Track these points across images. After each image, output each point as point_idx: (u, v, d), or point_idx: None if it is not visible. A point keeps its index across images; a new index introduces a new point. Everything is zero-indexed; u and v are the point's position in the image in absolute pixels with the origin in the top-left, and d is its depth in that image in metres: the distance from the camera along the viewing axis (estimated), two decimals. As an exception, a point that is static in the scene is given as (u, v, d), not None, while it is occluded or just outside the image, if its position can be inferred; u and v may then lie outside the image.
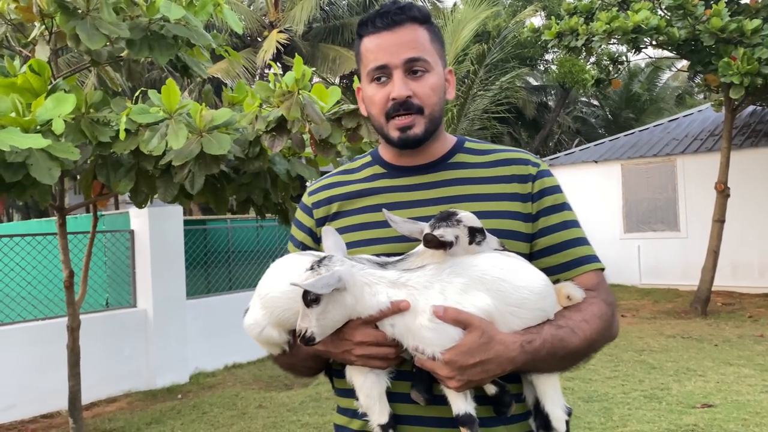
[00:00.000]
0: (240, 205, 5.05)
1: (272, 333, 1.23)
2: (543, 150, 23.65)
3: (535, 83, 25.23)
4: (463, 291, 1.11)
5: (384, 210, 1.22)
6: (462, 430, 1.13)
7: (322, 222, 1.37)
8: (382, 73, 1.27)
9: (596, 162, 12.40)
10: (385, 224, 1.22)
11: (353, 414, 1.27)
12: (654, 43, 8.36)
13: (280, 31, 15.49)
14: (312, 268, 1.11)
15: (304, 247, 1.39)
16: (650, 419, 4.53)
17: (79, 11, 4.02)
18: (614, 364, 6.35)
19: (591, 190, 12.40)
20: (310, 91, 3.95)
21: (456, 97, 12.79)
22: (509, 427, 1.23)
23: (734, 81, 7.36)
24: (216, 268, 8.01)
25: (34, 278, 6.22)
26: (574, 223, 1.33)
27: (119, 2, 4.25)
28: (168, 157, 3.92)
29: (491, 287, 1.12)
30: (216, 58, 10.04)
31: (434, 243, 1.11)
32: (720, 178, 9.09)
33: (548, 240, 1.29)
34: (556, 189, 1.34)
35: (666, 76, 25.40)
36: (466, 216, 1.16)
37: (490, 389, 1.18)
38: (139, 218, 6.77)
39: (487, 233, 1.19)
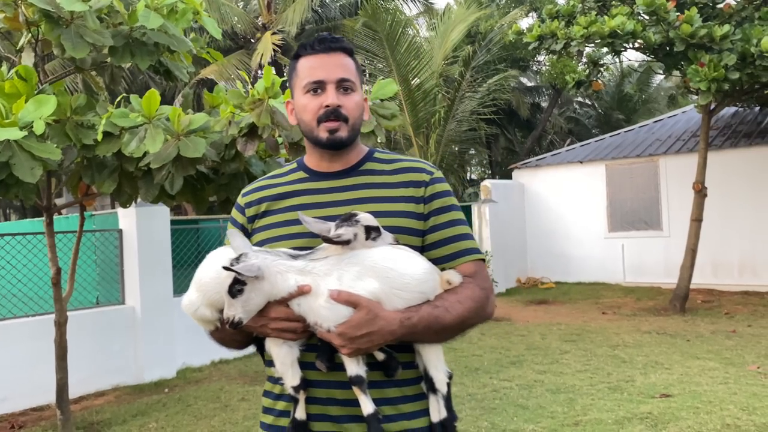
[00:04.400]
0: (221, 205, 5.27)
1: (205, 312, 1.48)
2: (537, 150, 23.88)
3: (529, 84, 25.45)
4: (356, 277, 1.37)
5: (299, 213, 1.47)
6: (354, 387, 1.39)
7: (252, 219, 1.62)
8: (318, 86, 1.53)
9: (581, 162, 12.61)
10: None
11: (276, 397, 1.55)
12: (631, 47, 8.57)
13: (274, 33, 15.68)
14: (231, 265, 1.34)
15: None
16: (610, 408, 4.74)
17: (63, 20, 4.21)
18: (587, 359, 6.57)
19: (576, 190, 12.62)
20: (283, 96, 4.16)
21: (443, 98, 12.99)
22: (402, 389, 1.49)
23: (701, 87, 7.57)
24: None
25: (24, 276, 6.42)
26: (459, 222, 1.58)
27: (102, 11, 4.45)
28: (147, 160, 4.12)
29: (380, 274, 1.37)
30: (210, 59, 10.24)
31: (331, 241, 1.39)
32: (697, 178, 9.30)
33: (436, 236, 1.54)
34: (446, 193, 1.59)
35: (660, 77, 25.56)
36: (364, 217, 1.43)
37: (379, 356, 1.44)
38: (127, 218, 6.97)
39: (382, 230, 1.44)
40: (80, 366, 5.98)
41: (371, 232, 1.42)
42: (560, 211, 12.78)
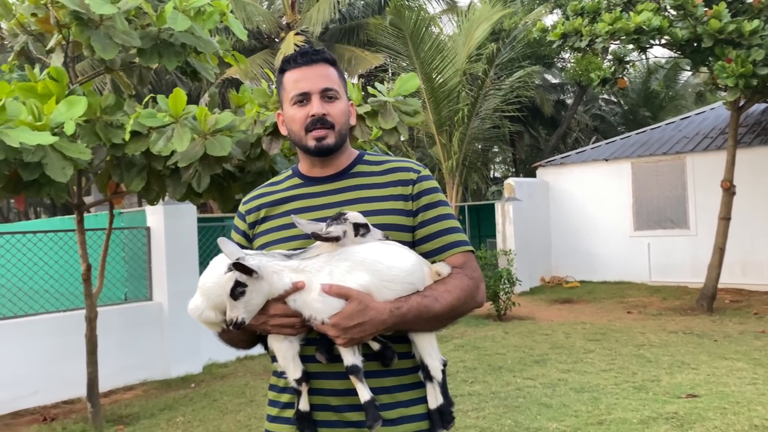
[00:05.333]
0: (246, 203, 5.33)
1: (210, 314, 1.54)
2: (562, 147, 23.69)
3: (554, 81, 25.24)
4: (347, 272, 1.45)
5: (293, 216, 1.56)
6: (351, 377, 1.47)
7: (253, 225, 1.71)
8: (304, 98, 1.61)
9: (607, 160, 12.48)
10: None
11: (281, 390, 1.62)
12: (657, 43, 8.46)
13: (297, 33, 15.78)
14: (230, 269, 1.42)
15: (239, 247, 1.67)
16: (635, 408, 4.70)
17: (93, 21, 4.31)
18: (611, 358, 6.52)
19: (602, 188, 12.50)
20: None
21: (466, 96, 12.96)
22: (400, 378, 1.56)
23: (729, 83, 7.46)
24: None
25: (56, 272, 6.57)
26: (447, 216, 1.65)
27: (130, 12, 4.53)
28: (174, 158, 4.20)
29: (370, 267, 1.45)
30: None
31: (321, 238, 1.47)
32: (726, 176, 9.16)
33: (425, 230, 1.62)
34: (433, 190, 1.67)
35: (687, 73, 25.12)
36: (352, 215, 1.51)
37: (374, 346, 1.51)
38: (154, 216, 7.10)
39: (371, 227, 1.52)
40: (110, 361, 6.10)
41: (360, 229, 1.49)
42: (585, 210, 12.67)
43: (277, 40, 17.46)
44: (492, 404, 5.10)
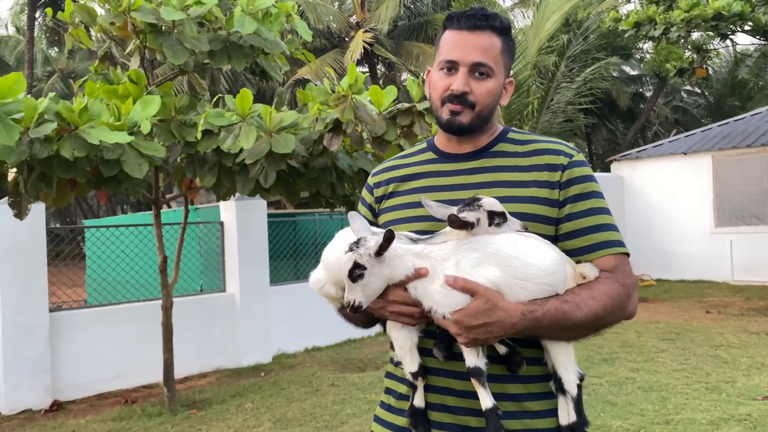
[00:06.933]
0: (312, 198, 5.51)
1: (330, 289, 1.47)
2: (641, 141, 22.86)
3: (632, 73, 24.37)
4: (475, 264, 1.30)
5: (422, 197, 1.42)
6: (472, 380, 1.33)
7: (380, 200, 1.59)
8: (451, 66, 1.45)
9: (685, 154, 11.97)
10: None
11: (400, 380, 1.52)
12: (739, 30, 8.06)
13: (366, 31, 15.95)
14: (351, 249, 1.32)
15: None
16: (705, 408, 4.54)
17: (166, 28, 4.55)
18: (684, 358, 6.29)
19: (680, 183, 12.00)
20: (367, 93, 4.30)
21: (536, 89, 12.73)
22: (527, 385, 1.40)
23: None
24: (304, 257, 8.55)
25: (136, 264, 6.97)
26: (600, 210, 1.44)
27: (205, 16, 4.75)
28: (242, 155, 4.40)
29: (502, 262, 1.29)
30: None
31: (457, 223, 1.32)
32: (816, 169, 8.62)
33: (572, 225, 1.41)
34: (587, 179, 1.45)
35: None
36: (488, 201, 1.35)
37: (501, 349, 1.37)
38: (227, 211, 7.39)
39: (509, 216, 1.36)
40: (185, 349, 6.41)
41: (495, 218, 1.34)
42: (662, 206, 12.20)
43: (347, 39, 17.72)
44: (555, 401, 5.03)
